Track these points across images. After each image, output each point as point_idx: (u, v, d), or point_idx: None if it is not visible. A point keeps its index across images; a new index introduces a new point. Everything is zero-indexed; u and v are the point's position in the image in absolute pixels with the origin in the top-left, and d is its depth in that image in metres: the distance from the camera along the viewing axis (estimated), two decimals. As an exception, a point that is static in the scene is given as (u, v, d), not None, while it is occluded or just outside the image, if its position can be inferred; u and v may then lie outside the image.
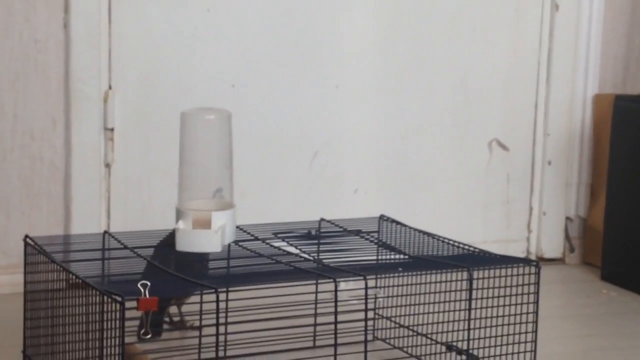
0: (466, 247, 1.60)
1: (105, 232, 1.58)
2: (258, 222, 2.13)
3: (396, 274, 1.52)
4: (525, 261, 1.48)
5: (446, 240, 1.64)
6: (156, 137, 2.19)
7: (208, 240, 1.48)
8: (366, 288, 1.31)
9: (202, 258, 1.46)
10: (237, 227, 1.60)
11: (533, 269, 1.46)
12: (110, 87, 2.14)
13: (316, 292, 1.52)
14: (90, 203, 2.13)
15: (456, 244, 1.62)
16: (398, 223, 1.73)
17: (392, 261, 1.56)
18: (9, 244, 2.09)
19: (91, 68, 2.11)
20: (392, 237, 1.71)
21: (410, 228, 1.70)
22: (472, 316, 1.45)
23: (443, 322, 1.52)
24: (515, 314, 1.48)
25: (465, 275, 1.42)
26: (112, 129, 2.14)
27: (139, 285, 1.19)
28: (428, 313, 1.58)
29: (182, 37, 2.18)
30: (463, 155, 2.46)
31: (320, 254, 1.57)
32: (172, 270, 1.38)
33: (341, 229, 1.68)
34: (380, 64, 2.35)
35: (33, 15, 2.06)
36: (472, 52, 2.43)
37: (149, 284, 1.20)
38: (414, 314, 1.64)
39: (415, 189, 2.43)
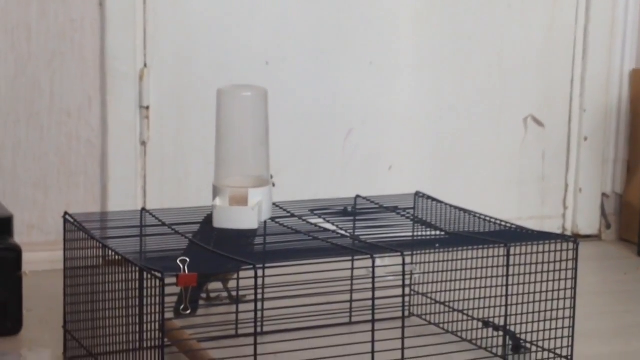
0: (503, 223, 1.60)
1: (143, 209, 1.59)
2: (293, 199, 2.14)
3: (433, 251, 1.52)
4: (563, 237, 1.47)
5: (482, 217, 1.63)
6: (191, 115, 2.20)
7: (245, 216, 1.48)
8: (403, 264, 1.31)
9: (245, 235, 1.47)
10: (274, 204, 1.60)
11: (571, 245, 1.45)
12: (145, 65, 2.14)
13: (352, 269, 1.52)
14: (127, 181, 2.15)
15: (493, 220, 1.61)
16: (434, 200, 1.72)
17: (429, 237, 1.55)
18: (47, 221, 2.11)
19: (126, 46, 2.12)
20: (428, 213, 1.71)
21: (446, 204, 1.70)
22: (509, 292, 1.45)
23: (480, 299, 1.52)
24: (552, 290, 1.48)
25: (502, 251, 1.42)
26: (147, 107, 2.15)
27: (178, 262, 1.20)
28: (465, 289, 1.58)
29: (217, 14, 2.18)
30: (498, 132, 2.45)
31: (357, 231, 1.57)
32: (213, 247, 1.38)
33: (377, 206, 1.68)
34: (415, 41, 2.34)
35: (69, -5, 2.07)
36: (508, 28, 2.41)
37: (188, 260, 1.21)
38: (450, 290, 1.64)
39: (450, 166, 2.42)
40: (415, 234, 1.60)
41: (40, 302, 1.81)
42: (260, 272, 1.28)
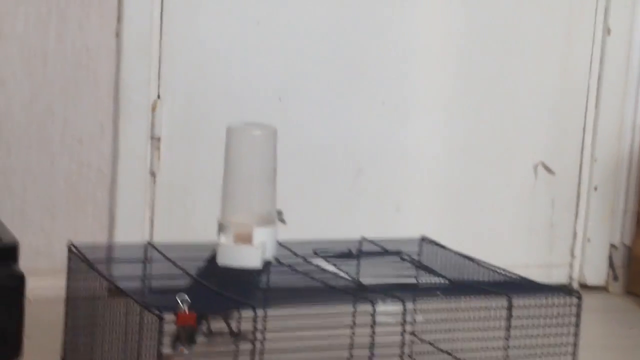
0: (507, 273, 1.59)
1: (148, 242, 1.59)
2: (298, 237, 2.13)
3: (435, 299, 1.51)
4: (567, 291, 1.46)
5: (487, 266, 1.62)
6: (202, 148, 2.20)
7: (249, 255, 1.48)
8: (404, 312, 1.30)
9: (249, 274, 1.47)
10: (278, 243, 1.60)
11: (575, 300, 1.44)
12: (158, 97, 2.15)
13: (354, 313, 1.51)
14: (135, 210, 2.15)
15: (497, 269, 1.61)
16: (439, 245, 1.72)
17: (431, 285, 1.55)
18: (53, 248, 2.11)
19: (141, 77, 2.13)
20: (433, 259, 1.70)
21: (451, 251, 1.69)
22: (510, 345, 1.44)
23: (480, 350, 1.51)
24: (554, 345, 1.46)
25: (504, 302, 1.41)
26: (158, 138, 2.16)
27: (178, 300, 1.20)
28: (466, 339, 1.57)
29: (232, 49, 2.20)
30: (508, 177, 2.44)
31: (360, 274, 1.57)
32: (216, 286, 1.38)
33: (381, 249, 1.67)
34: (428, 83, 2.35)
35: (86, 23, 2.09)
36: (521, 74, 2.42)
37: (187, 298, 1.21)
38: (452, 339, 1.63)
39: (459, 209, 2.41)
40: (419, 280, 1.59)
41: (42, 330, 1.80)
42: (260, 313, 1.27)
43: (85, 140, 2.12)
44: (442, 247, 1.71)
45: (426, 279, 1.58)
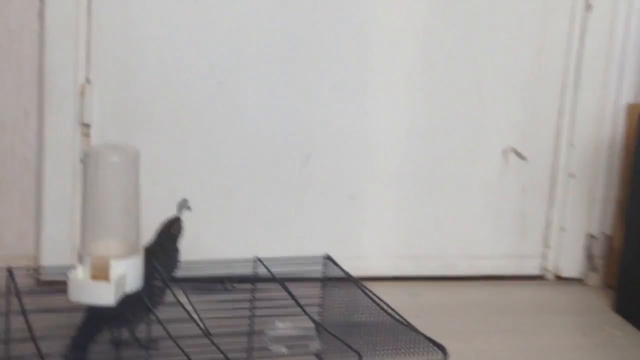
0: (394, 314, 1.45)
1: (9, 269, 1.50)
2: (245, 223, 2.06)
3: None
4: (436, 345, 1.32)
5: (380, 304, 1.48)
6: (136, 135, 2.09)
7: (101, 291, 1.39)
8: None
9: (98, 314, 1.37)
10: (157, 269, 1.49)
11: (440, 356, 1.30)
12: (88, 81, 2.04)
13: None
14: (64, 199, 2.07)
15: (386, 307, 1.47)
16: (340, 268, 1.59)
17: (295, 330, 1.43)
18: (-22, 238, 2.06)
19: (67, 60, 2.02)
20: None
21: (351, 278, 1.55)
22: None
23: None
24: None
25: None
26: (88, 125, 2.06)
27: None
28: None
29: (168, 28, 2.06)
30: (474, 162, 2.28)
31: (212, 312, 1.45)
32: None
33: (272, 276, 1.55)
34: (384, 61, 2.17)
35: (7, 4, 1.98)
36: (491, 52, 2.22)
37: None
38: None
39: (420, 196, 2.26)
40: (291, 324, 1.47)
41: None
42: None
43: (8, 126, 2.03)
44: (343, 270, 1.58)
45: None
